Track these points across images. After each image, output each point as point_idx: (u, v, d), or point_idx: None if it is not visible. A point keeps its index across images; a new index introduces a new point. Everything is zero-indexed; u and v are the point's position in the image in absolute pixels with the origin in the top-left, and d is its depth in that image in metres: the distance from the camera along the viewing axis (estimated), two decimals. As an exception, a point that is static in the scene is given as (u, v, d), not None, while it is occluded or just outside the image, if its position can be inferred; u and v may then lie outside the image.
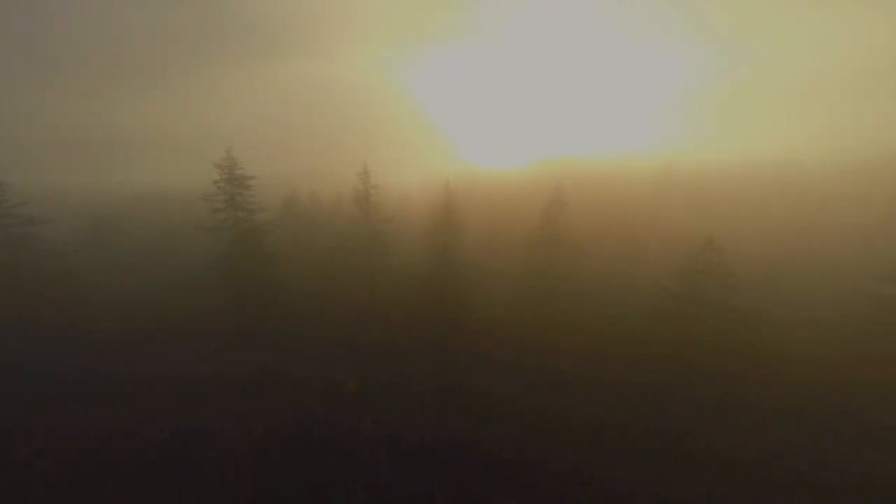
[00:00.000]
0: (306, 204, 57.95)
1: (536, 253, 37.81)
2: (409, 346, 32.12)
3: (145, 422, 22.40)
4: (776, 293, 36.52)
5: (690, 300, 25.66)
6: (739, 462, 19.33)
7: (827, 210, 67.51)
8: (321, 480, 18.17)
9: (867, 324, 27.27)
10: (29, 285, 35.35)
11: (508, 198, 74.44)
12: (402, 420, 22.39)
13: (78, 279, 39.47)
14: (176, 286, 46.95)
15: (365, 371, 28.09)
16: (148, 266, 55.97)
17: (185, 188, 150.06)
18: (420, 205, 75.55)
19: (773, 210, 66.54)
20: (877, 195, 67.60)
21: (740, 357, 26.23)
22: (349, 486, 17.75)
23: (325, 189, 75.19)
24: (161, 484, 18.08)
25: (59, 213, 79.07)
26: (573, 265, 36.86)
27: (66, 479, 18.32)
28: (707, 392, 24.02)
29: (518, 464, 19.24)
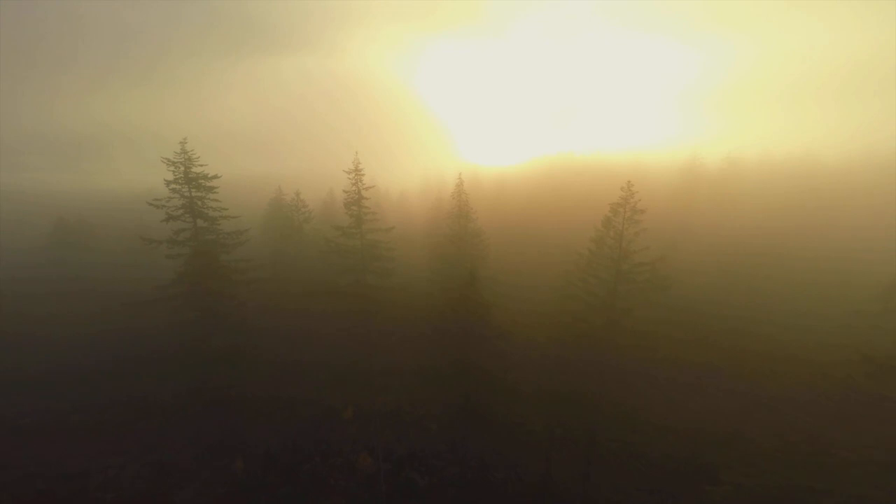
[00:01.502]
0: (291, 207, 48.03)
1: (595, 275, 28.08)
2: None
3: None
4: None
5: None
6: None
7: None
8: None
9: None
10: None
11: (528, 201, 64.18)
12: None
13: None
14: (110, 315, 36.36)
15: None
16: (90, 288, 45.43)
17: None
18: (424, 209, 65.16)
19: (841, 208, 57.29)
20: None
21: None
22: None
23: (317, 190, 65.21)
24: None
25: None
26: (649, 291, 27.12)
27: None
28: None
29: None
